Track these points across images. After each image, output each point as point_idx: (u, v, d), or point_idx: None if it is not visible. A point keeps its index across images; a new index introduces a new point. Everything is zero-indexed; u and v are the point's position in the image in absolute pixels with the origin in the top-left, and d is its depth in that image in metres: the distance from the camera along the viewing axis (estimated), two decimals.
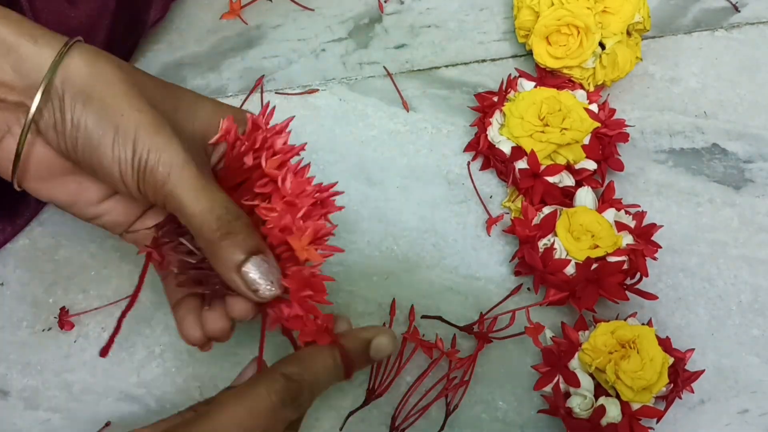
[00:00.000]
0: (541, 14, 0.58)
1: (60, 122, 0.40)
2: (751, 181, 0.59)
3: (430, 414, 0.52)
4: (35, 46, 0.40)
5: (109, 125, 0.39)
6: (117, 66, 0.41)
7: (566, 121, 0.55)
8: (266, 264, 0.40)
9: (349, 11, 0.66)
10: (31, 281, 0.55)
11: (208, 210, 0.39)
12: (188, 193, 0.39)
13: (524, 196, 0.55)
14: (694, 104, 0.62)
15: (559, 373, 0.50)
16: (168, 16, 0.63)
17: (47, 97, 0.40)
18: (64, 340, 0.53)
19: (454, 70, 0.63)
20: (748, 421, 0.52)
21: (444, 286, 0.55)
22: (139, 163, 0.40)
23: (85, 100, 0.40)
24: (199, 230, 0.40)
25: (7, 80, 0.40)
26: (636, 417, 0.48)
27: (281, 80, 0.62)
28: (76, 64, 0.40)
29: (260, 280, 0.39)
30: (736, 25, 0.65)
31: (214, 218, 0.39)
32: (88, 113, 0.39)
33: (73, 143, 0.40)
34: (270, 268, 0.40)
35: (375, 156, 0.60)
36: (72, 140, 0.40)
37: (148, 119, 0.40)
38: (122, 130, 0.39)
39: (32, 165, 0.42)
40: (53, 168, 0.42)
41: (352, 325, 0.45)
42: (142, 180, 0.40)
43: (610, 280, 0.51)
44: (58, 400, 0.52)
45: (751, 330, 0.55)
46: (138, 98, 0.41)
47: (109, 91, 0.40)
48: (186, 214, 0.40)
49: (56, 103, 0.40)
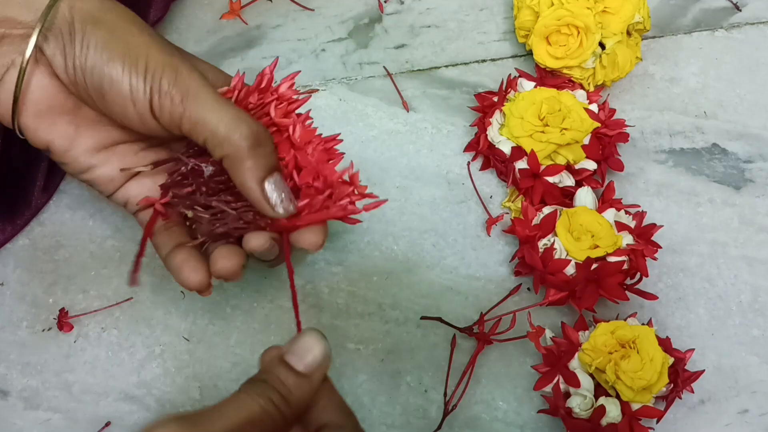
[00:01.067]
0: (541, 14, 0.58)
1: (69, 45, 0.39)
2: (751, 181, 0.59)
3: (430, 414, 0.52)
4: None
5: (119, 43, 0.39)
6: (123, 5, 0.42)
7: (566, 121, 0.55)
8: (284, 183, 0.41)
9: (349, 11, 0.66)
10: (31, 281, 0.55)
11: (236, 118, 0.39)
12: (213, 105, 0.39)
13: (524, 196, 0.55)
14: (694, 104, 0.62)
15: (559, 373, 0.50)
16: (168, 16, 0.63)
17: (53, 22, 0.39)
18: (64, 340, 0.53)
19: (454, 70, 0.63)
20: (748, 421, 0.52)
21: (444, 286, 0.55)
22: (152, 81, 0.39)
23: (95, 21, 0.40)
24: (226, 138, 0.39)
25: (12, 15, 0.39)
26: (636, 417, 0.48)
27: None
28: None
29: (279, 196, 0.41)
30: (736, 25, 0.65)
31: (245, 125, 0.39)
32: (98, 32, 0.39)
33: (82, 65, 0.39)
34: (287, 187, 0.41)
35: (375, 156, 0.60)
36: (81, 62, 0.39)
37: (159, 42, 0.40)
38: (133, 49, 0.39)
39: (32, 97, 0.41)
40: (53, 103, 0.42)
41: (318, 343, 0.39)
42: (157, 98, 0.39)
43: (610, 280, 0.51)
44: (58, 400, 0.52)
45: (751, 330, 0.55)
46: (146, 27, 0.41)
47: (119, 15, 0.40)
48: (210, 126, 0.39)
49: (65, 27, 0.40)
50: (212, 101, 0.40)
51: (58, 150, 0.43)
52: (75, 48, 0.39)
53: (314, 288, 0.55)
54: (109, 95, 0.40)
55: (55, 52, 0.40)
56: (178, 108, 0.39)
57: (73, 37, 0.40)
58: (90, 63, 0.39)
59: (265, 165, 0.40)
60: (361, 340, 0.54)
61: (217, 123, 0.39)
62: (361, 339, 0.54)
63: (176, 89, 0.39)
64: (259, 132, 0.40)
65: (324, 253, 0.56)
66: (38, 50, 0.40)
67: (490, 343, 0.52)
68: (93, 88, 0.40)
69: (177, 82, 0.39)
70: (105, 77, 0.39)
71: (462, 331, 0.53)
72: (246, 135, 0.39)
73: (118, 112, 0.41)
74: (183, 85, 0.39)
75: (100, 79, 0.40)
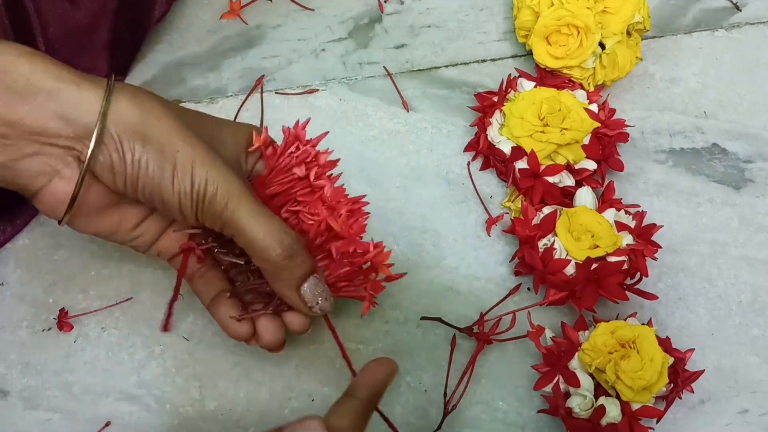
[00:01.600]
0: (541, 14, 0.58)
1: (119, 163, 0.41)
2: (751, 181, 0.59)
3: (430, 414, 0.52)
4: (78, 90, 0.41)
5: (168, 163, 0.42)
6: (159, 102, 0.43)
7: (566, 121, 0.55)
8: (320, 283, 0.45)
9: (349, 11, 0.66)
10: (31, 281, 0.55)
11: (269, 234, 0.43)
12: (248, 218, 0.43)
13: (524, 196, 0.55)
14: (694, 104, 0.62)
15: (559, 373, 0.50)
16: (168, 17, 0.63)
17: (100, 140, 0.41)
18: (64, 340, 0.53)
19: (454, 70, 0.63)
20: (748, 421, 0.52)
21: (444, 286, 0.55)
22: (198, 194, 0.42)
23: (143, 140, 0.41)
24: (262, 253, 0.43)
25: (52, 127, 0.40)
26: (636, 417, 0.48)
27: (281, 80, 0.62)
28: (125, 105, 0.41)
29: (316, 298, 0.45)
30: (736, 25, 0.65)
31: (276, 242, 0.43)
32: (148, 153, 0.41)
33: (133, 182, 0.42)
34: (323, 287, 0.45)
35: (375, 156, 0.60)
36: (132, 180, 0.42)
37: (202, 153, 0.43)
38: (180, 166, 0.42)
39: (83, 206, 0.43)
40: (101, 205, 0.44)
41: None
42: (201, 209, 0.43)
43: (610, 280, 0.51)
44: (58, 400, 0.52)
45: (751, 330, 0.55)
46: (188, 133, 0.43)
47: (162, 128, 0.42)
48: (247, 238, 0.43)
49: (111, 145, 0.41)
50: (249, 213, 0.43)
51: (104, 235, 0.46)
52: (126, 167, 0.41)
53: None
54: (160, 206, 0.43)
55: (103, 168, 0.42)
56: (220, 219, 0.43)
57: (122, 156, 0.41)
58: (141, 182, 0.42)
59: (299, 274, 0.44)
60: (361, 340, 0.54)
61: (254, 236, 0.43)
62: (361, 339, 0.54)
63: (216, 204, 0.42)
64: (292, 244, 0.43)
65: None
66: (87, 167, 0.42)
67: (490, 343, 0.52)
68: (144, 198, 0.43)
69: (218, 198, 0.42)
70: (156, 194, 0.42)
71: (462, 331, 0.53)
72: (280, 250, 0.43)
73: (167, 216, 0.45)
74: (222, 199, 0.42)
75: (151, 195, 0.42)
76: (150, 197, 0.43)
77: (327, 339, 0.53)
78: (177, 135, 0.43)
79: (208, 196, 0.42)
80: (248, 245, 0.43)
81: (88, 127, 0.40)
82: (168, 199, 0.42)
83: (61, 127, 0.40)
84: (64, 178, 0.42)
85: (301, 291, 0.44)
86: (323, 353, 0.53)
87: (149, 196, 0.43)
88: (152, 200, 0.43)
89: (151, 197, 0.43)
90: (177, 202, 0.42)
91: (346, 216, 0.46)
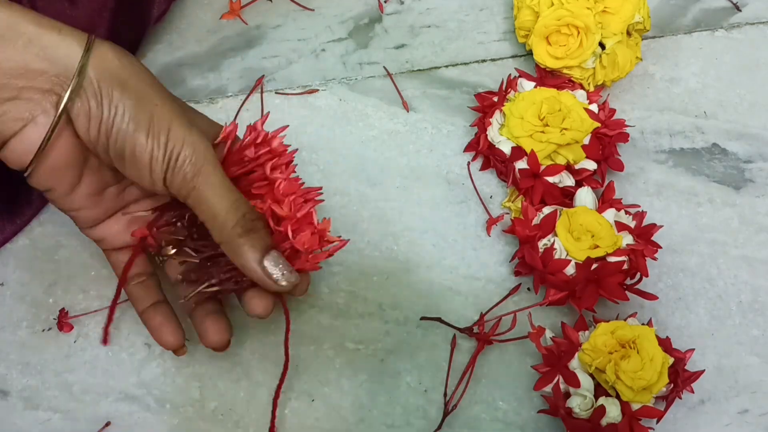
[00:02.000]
0: (541, 14, 0.58)
1: (96, 108, 0.41)
2: (751, 181, 0.59)
3: (430, 414, 0.52)
4: (60, 36, 0.40)
5: (145, 113, 0.41)
6: (140, 62, 0.43)
7: (566, 121, 0.55)
8: (281, 257, 0.44)
9: (349, 11, 0.66)
10: (31, 281, 0.55)
11: (233, 208, 0.43)
12: (216, 190, 0.42)
13: (524, 196, 0.55)
14: (694, 104, 0.62)
15: (559, 373, 0.50)
16: (168, 17, 0.63)
17: (80, 84, 0.40)
18: (64, 340, 0.53)
19: (454, 70, 0.63)
20: (748, 421, 0.52)
21: (444, 286, 0.55)
22: (171, 155, 0.41)
23: (122, 87, 0.41)
24: (221, 226, 0.43)
25: (36, 67, 0.40)
26: (636, 417, 0.48)
27: (281, 80, 0.62)
28: (107, 54, 0.41)
29: (280, 271, 0.44)
30: (736, 25, 0.65)
31: (239, 216, 0.43)
32: (126, 100, 0.41)
33: (107, 130, 0.41)
34: (285, 260, 0.44)
35: (375, 156, 0.60)
36: (107, 127, 0.41)
37: (181, 113, 0.42)
38: (157, 120, 0.41)
39: (51, 154, 0.42)
40: (68, 159, 0.43)
41: None
42: (172, 171, 0.42)
43: (610, 280, 0.51)
44: (58, 400, 0.52)
45: (751, 330, 0.55)
46: (166, 92, 0.43)
47: (142, 81, 0.42)
48: (211, 209, 0.42)
49: (90, 90, 0.40)
50: (217, 185, 0.43)
51: (56, 195, 0.45)
52: (102, 112, 0.41)
53: (314, 288, 0.55)
54: (129, 161, 0.42)
55: (79, 113, 0.41)
56: (189, 184, 0.42)
57: (100, 103, 0.41)
58: (116, 129, 0.41)
59: (260, 247, 0.43)
60: (361, 340, 0.54)
61: (219, 209, 0.43)
62: (361, 339, 0.54)
63: (190, 167, 0.42)
64: (253, 218, 0.43)
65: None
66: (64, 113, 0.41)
67: (490, 344, 0.52)
68: (114, 151, 0.42)
69: (193, 161, 0.42)
70: (128, 145, 0.41)
71: (462, 331, 0.53)
72: (240, 224, 0.43)
73: (133, 175, 0.43)
74: (197, 164, 0.42)
75: (123, 145, 0.41)
76: (121, 150, 0.41)
77: (327, 339, 0.53)
78: (156, 91, 0.42)
79: (182, 157, 0.42)
80: (211, 217, 0.43)
81: (69, 68, 0.40)
82: (140, 153, 0.41)
83: (44, 67, 0.40)
84: (38, 125, 0.41)
85: (264, 264, 0.43)
86: (323, 353, 0.53)
87: (120, 149, 0.41)
88: (122, 155, 0.42)
89: (122, 150, 0.41)
90: (148, 158, 0.41)
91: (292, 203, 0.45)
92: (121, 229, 0.48)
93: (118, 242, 0.48)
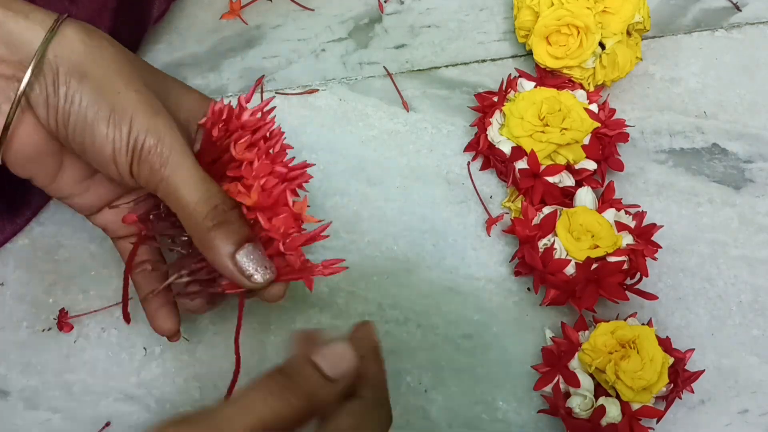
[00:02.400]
0: (541, 14, 0.58)
1: (53, 96, 0.39)
2: (751, 181, 0.59)
3: (430, 414, 0.52)
4: (26, 20, 0.39)
5: (105, 102, 0.39)
6: (111, 43, 0.41)
7: (566, 121, 0.55)
8: (258, 251, 0.40)
9: (349, 11, 0.66)
10: (31, 281, 0.55)
11: (204, 199, 0.40)
12: (186, 180, 0.40)
13: (524, 196, 0.55)
14: (694, 104, 0.62)
15: (559, 373, 0.50)
16: (168, 16, 0.63)
17: (39, 70, 0.39)
18: (64, 340, 0.53)
19: (454, 70, 0.63)
20: (748, 421, 0.52)
21: (444, 286, 0.55)
22: (135, 145, 0.39)
23: (81, 75, 0.39)
24: (191, 217, 0.40)
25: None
26: (636, 417, 0.48)
27: (281, 80, 0.62)
28: (71, 39, 0.39)
29: (254, 266, 0.40)
30: (736, 25, 0.65)
31: (209, 207, 0.40)
32: (83, 89, 0.39)
33: (65, 119, 0.39)
34: (262, 255, 0.41)
35: (375, 156, 0.60)
36: (64, 116, 0.39)
37: (146, 100, 0.40)
38: (119, 109, 0.39)
39: (17, 141, 0.41)
40: (38, 146, 0.42)
41: None
42: (137, 162, 0.40)
43: (610, 280, 0.51)
44: (58, 400, 0.52)
45: (751, 330, 0.55)
46: (134, 78, 0.40)
47: (105, 67, 0.40)
48: (180, 201, 0.40)
49: (49, 77, 0.39)
50: (187, 175, 0.40)
51: (41, 183, 0.44)
52: (58, 101, 0.39)
53: (314, 288, 0.55)
54: (90, 152, 0.40)
55: (38, 101, 0.39)
56: (156, 175, 0.40)
57: (57, 91, 0.39)
58: (72, 119, 0.39)
59: (233, 239, 0.40)
60: None
61: (187, 201, 0.40)
62: None
63: (156, 157, 0.39)
64: (225, 210, 0.40)
65: (324, 252, 0.56)
66: (25, 99, 0.39)
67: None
68: (74, 142, 0.40)
69: (159, 150, 0.39)
70: (87, 136, 0.39)
71: None
72: (210, 216, 0.40)
73: (100, 167, 0.41)
74: (164, 153, 0.40)
75: (82, 136, 0.39)
76: (81, 141, 0.40)
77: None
78: (121, 78, 0.40)
79: (146, 147, 0.39)
80: (179, 207, 0.40)
81: (31, 53, 0.39)
82: (99, 144, 0.39)
83: (6, 54, 0.39)
84: (2, 113, 0.40)
85: (236, 258, 0.40)
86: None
87: (80, 140, 0.40)
88: (82, 144, 0.40)
89: (82, 140, 0.40)
90: (110, 149, 0.39)
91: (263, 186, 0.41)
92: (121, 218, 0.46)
93: (122, 230, 0.47)
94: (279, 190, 0.41)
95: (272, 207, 0.41)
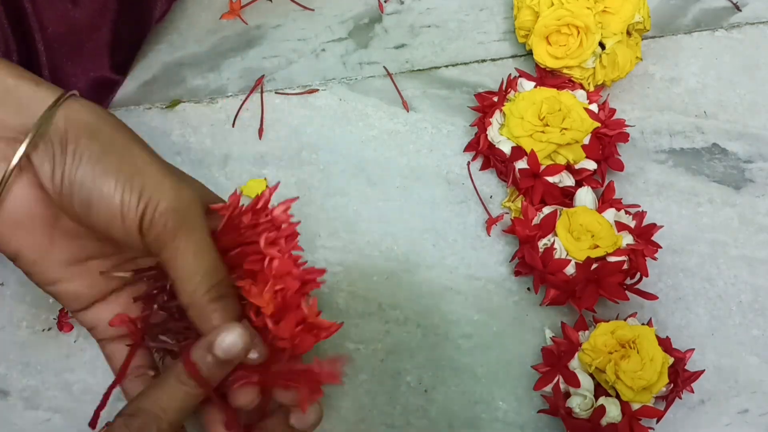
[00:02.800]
0: (541, 14, 0.58)
1: (60, 154, 0.38)
2: (751, 181, 0.59)
3: (430, 414, 0.52)
4: (36, 88, 0.39)
5: (114, 158, 0.38)
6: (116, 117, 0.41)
7: (566, 121, 0.55)
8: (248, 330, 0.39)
9: (349, 11, 0.66)
10: (31, 281, 0.55)
11: (211, 271, 0.39)
12: (196, 247, 0.39)
13: (524, 196, 0.55)
14: (694, 104, 0.62)
15: (559, 373, 0.50)
16: (168, 17, 0.63)
17: (46, 132, 0.38)
18: (64, 340, 0.53)
19: (454, 70, 0.63)
20: (748, 421, 0.52)
21: (444, 286, 0.55)
22: (148, 201, 0.38)
23: (91, 133, 0.38)
24: (192, 288, 0.39)
25: (3, 117, 0.38)
26: (636, 417, 0.48)
27: (281, 80, 0.62)
28: (79, 107, 0.39)
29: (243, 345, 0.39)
30: (737, 25, 0.65)
31: (215, 280, 0.39)
32: (93, 145, 0.38)
33: (71, 176, 0.38)
34: (252, 335, 0.39)
35: (375, 156, 0.60)
36: (70, 173, 0.38)
37: (159, 162, 0.39)
38: (130, 165, 0.38)
39: (11, 205, 0.40)
40: (32, 213, 0.40)
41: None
42: (149, 219, 0.38)
43: (610, 280, 0.51)
44: (58, 400, 0.52)
45: (751, 330, 0.55)
46: (146, 146, 0.40)
47: (116, 131, 0.39)
48: (183, 269, 0.39)
49: (56, 137, 0.38)
50: (196, 244, 0.39)
51: (26, 260, 0.41)
52: (66, 159, 0.38)
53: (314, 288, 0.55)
54: (96, 208, 0.38)
55: (43, 160, 0.38)
56: (167, 235, 0.38)
57: (65, 148, 0.38)
58: (80, 175, 0.38)
59: (231, 316, 0.39)
60: (361, 340, 0.54)
61: (189, 271, 0.38)
62: (361, 339, 0.54)
63: (173, 215, 0.38)
64: (227, 285, 0.39)
65: (324, 252, 0.56)
66: (25, 158, 0.39)
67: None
68: (80, 200, 0.38)
69: (176, 208, 0.38)
70: (95, 191, 0.38)
71: None
72: (214, 289, 0.39)
73: (102, 225, 0.39)
74: (181, 213, 0.38)
75: (89, 192, 0.38)
76: (87, 197, 0.38)
77: (326, 339, 0.53)
78: (132, 137, 0.39)
79: (163, 205, 0.38)
80: (184, 277, 0.39)
81: (36, 117, 0.38)
82: (108, 198, 0.38)
83: (13, 118, 0.38)
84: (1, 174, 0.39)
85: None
86: (322, 354, 0.53)
87: (86, 196, 0.38)
88: (88, 202, 0.38)
89: (88, 196, 0.38)
90: (118, 204, 0.38)
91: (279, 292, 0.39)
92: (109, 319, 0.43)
93: (113, 331, 0.43)
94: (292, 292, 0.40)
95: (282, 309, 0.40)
